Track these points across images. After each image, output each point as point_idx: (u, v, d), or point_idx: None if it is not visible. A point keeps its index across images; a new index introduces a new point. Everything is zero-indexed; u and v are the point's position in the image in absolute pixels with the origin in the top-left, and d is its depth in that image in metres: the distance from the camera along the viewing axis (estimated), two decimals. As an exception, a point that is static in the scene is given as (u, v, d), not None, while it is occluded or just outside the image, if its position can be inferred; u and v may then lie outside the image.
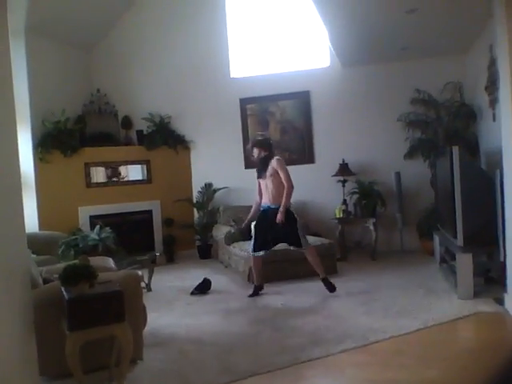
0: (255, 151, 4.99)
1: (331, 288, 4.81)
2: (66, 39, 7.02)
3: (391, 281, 5.18)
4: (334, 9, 4.80)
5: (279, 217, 4.71)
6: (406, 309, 4.17)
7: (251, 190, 7.13)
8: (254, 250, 4.91)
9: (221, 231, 6.53)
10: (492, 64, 5.09)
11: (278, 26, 7.35)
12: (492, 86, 5.17)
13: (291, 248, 4.93)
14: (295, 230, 4.80)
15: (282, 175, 4.83)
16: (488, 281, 4.65)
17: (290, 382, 2.99)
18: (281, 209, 4.73)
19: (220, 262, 6.66)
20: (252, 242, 4.95)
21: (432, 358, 3.19)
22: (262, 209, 5.00)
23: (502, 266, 4.16)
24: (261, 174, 4.97)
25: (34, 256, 4.25)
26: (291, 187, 4.81)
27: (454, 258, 4.52)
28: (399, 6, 4.69)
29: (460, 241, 4.45)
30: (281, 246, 5.04)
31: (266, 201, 4.94)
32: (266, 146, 5.00)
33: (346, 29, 5.38)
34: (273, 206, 4.85)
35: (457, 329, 3.77)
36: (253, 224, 5.05)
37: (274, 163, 4.87)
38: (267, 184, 4.90)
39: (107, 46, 7.62)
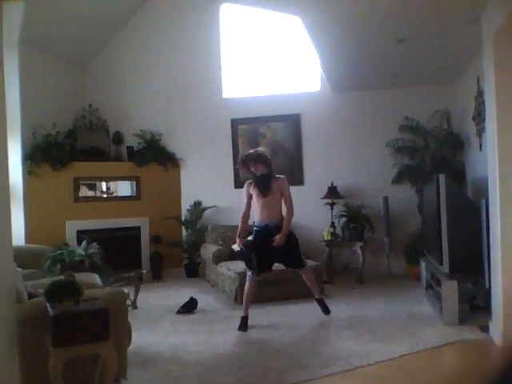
0: (259, 167, 4.63)
1: (326, 310, 4.76)
2: (60, 54, 7.05)
3: (378, 305, 5.19)
4: (326, 36, 4.90)
5: (280, 241, 4.53)
6: (391, 334, 4.18)
7: (240, 209, 7.15)
8: (258, 274, 4.57)
9: (209, 250, 6.52)
10: (479, 95, 5.20)
11: (271, 49, 7.46)
12: (479, 116, 5.27)
13: (291, 270, 4.80)
14: (297, 250, 4.70)
15: (286, 197, 4.69)
16: (473, 308, 4.68)
17: (274, 405, 2.97)
18: (283, 232, 4.56)
19: (207, 281, 6.63)
20: (254, 262, 4.54)
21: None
22: (257, 228, 4.69)
23: (487, 294, 4.20)
24: (264, 192, 4.62)
25: (20, 269, 4.19)
26: (293, 211, 4.70)
27: (439, 284, 4.55)
28: (389, 36, 4.79)
29: (446, 267, 4.50)
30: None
31: (264, 219, 4.65)
32: (269, 162, 4.71)
33: (337, 56, 5.48)
34: (271, 225, 4.64)
35: (442, 355, 3.78)
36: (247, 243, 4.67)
37: (281, 183, 4.68)
38: (267, 202, 4.63)
39: (101, 62, 7.68)
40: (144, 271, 5.88)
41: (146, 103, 7.58)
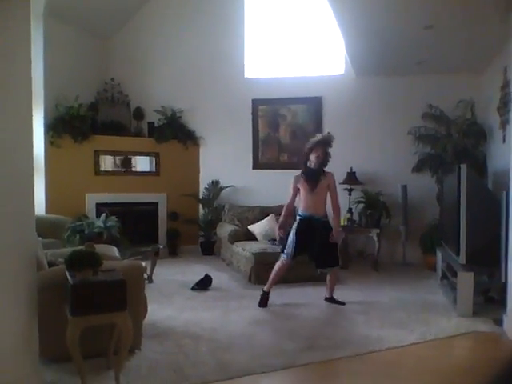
0: (320, 154, 4.65)
1: (340, 303, 4.75)
2: (84, 26, 7.07)
3: (391, 292, 5.20)
4: (352, 20, 4.83)
5: (337, 235, 4.64)
6: (404, 321, 4.19)
7: (257, 190, 7.22)
8: (294, 256, 4.64)
9: (225, 229, 6.56)
10: (505, 85, 5.11)
11: (295, 30, 7.38)
12: (504, 107, 5.19)
13: (318, 270, 4.79)
14: (335, 248, 4.71)
15: (334, 193, 4.75)
16: (488, 300, 4.66)
17: (284, 384, 3.02)
18: (338, 228, 4.71)
19: (222, 259, 6.69)
20: (291, 246, 4.61)
21: (426, 372, 3.21)
22: (303, 217, 4.69)
23: (503, 287, 4.18)
24: (314, 186, 4.65)
25: (40, 239, 4.27)
26: (339, 207, 4.81)
27: (455, 274, 4.53)
28: (417, 22, 4.71)
29: (462, 259, 4.47)
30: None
31: (312, 211, 4.65)
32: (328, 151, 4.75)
33: (363, 40, 5.41)
34: (317, 217, 4.66)
35: (453, 345, 3.79)
36: (293, 230, 4.68)
37: (331, 178, 4.73)
38: (315, 196, 4.65)
39: (124, 36, 7.67)
40: (161, 246, 5.94)
41: (167, 80, 7.58)
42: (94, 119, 6.96)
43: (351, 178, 6.70)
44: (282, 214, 4.78)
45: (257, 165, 7.44)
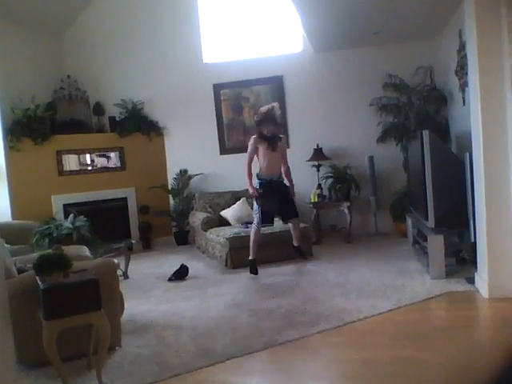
0: (270, 128, 5.07)
1: (303, 255, 5.38)
2: (34, 24, 6.85)
3: (365, 263, 5.27)
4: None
5: (293, 194, 5.28)
6: (379, 289, 4.26)
7: (226, 175, 7.19)
8: (263, 223, 5.11)
9: (197, 217, 6.53)
10: (461, 48, 5.18)
11: (251, 10, 7.30)
12: (461, 70, 5.26)
13: (286, 222, 5.34)
14: (292, 201, 5.28)
15: (285, 155, 5.32)
16: (460, 261, 4.77)
17: (266, 363, 3.04)
18: (292, 187, 5.30)
19: (197, 248, 6.67)
20: (259, 214, 5.07)
21: (405, 336, 3.27)
22: (263, 180, 5.12)
23: (473, 247, 4.28)
24: (274, 146, 5.11)
25: (8, 246, 4.18)
26: None
27: (425, 239, 4.62)
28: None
29: (431, 223, 4.56)
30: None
31: (272, 172, 5.15)
32: (280, 125, 5.42)
33: (319, 14, 5.38)
34: (275, 179, 5.18)
35: (429, 308, 3.87)
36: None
37: (283, 142, 5.29)
38: (274, 157, 5.13)
39: (77, 32, 7.47)
40: (133, 241, 5.89)
41: (125, 72, 7.43)
42: (52, 119, 6.80)
43: (318, 154, 6.74)
44: (247, 173, 5.10)
45: (224, 150, 7.40)
